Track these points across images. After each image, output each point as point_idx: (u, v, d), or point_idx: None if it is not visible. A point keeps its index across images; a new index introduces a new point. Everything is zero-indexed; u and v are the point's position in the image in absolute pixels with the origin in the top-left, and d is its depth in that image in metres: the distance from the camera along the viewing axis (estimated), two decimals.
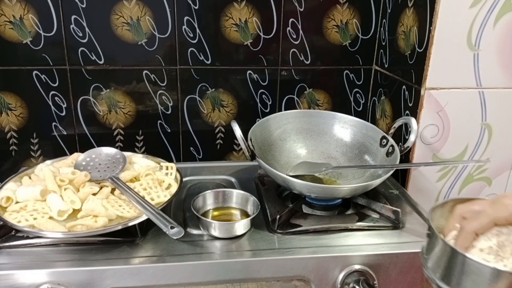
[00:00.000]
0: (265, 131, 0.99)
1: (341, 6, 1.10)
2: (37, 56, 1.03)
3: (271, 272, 0.71)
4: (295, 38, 1.11)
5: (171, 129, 1.14)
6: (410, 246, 0.77)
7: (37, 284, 0.66)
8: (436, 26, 0.88)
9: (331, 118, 1.03)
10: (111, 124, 1.11)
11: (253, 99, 1.15)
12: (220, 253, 0.73)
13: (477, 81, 0.93)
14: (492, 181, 1.03)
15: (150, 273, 0.69)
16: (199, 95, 1.12)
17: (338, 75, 1.17)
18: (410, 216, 0.87)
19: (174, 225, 0.71)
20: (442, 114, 0.95)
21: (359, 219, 0.83)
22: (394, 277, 0.74)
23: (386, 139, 0.94)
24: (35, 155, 1.11)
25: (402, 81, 1.02)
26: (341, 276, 0.72)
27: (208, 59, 1.09)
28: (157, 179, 0.84)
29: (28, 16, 0.99)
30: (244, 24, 1.08)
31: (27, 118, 1.08)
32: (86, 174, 0.81)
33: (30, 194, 0.77)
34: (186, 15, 1.05)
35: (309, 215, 0.84)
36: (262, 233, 0.79)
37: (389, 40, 1.09)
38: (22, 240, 0.73)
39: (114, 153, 0.90)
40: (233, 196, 0.85)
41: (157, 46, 1.06)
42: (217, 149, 1.18)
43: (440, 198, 1.03)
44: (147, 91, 1.10)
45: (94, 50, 1.04)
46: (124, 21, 1.03)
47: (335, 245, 0.76)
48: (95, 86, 1.07)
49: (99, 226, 0.72)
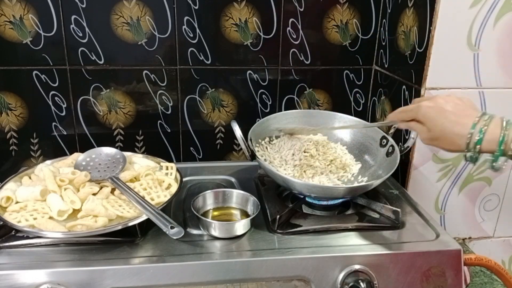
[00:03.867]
0: (265, 131, 0.99)
1: (341, 6, 1.10)
2: (37, 56, 1.03)
3: (271, 272, 0.71)
4: (295, 38, 1.11)
5: (171, 129, 1.14)
6: (410, 246, 0.77)
7: (37, 284, 0.66)
8: (436, 26, 0.88)
9: (331, 118, 1.03)
10: (111, 124, 1.11)
11: (253, 99, 1.15)
12: (220, 253, 0.73)
13: (477, 81, 0.93)
14: (492, 181, 1.03)
15: (150, 273, 0.69)
16: (199, 95, 1.12)
17: (338, 75, 1.17)
18: (410, 216, 0.87)
19: (174, 225, 0.72)
20: None
21: (359, 219, 0.83)
22: (394, 277, 0.74)
23: (386, 139, 0.94)
24: (35, 155, 1.11)
25: (402, 81, 1.02)
26: (341, 276, 0.72)
27: (208, 59, 1.09)
28: (157, 179, 0.84)
29: (28, 16, 0.99)
30: (244, 24, 1.08)
31: (27, 118, 1.08)
32: (86, 174, 0.81)
33: (30, 194, 0.77)
34: (186, 15, 1.05)
35: (309, 215, 0.84)
36: (262, 233, 0.79)
37: (389, 40, 1.09)
38: (22, 240, 0.73)
39: (114, 153, 0.90)
40: (233, 196, 0.85)
41: (157, 46, 1.06)
42: (217, 149, 1.18)
43: (440, 198, 1.03)
44: (147, 91, 1.10)
45: (94, 50, 1.04)
46: (124, 21, 1.03)
47: (335, 245, 0.76)
48: (95, 86, 1.07)
49: (99, 226, 0.72)
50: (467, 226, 1.07)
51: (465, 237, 1.08)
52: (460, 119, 0.68)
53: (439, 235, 0.80)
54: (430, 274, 0.74)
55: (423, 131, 0.72)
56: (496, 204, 1.06)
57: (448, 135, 0.69)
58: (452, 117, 0.68)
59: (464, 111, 0.69)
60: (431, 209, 1.03)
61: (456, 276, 0.75)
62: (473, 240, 1.09)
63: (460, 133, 0.67)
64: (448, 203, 1.04)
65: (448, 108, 0.69)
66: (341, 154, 0.98)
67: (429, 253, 0.75)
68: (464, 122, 0.67)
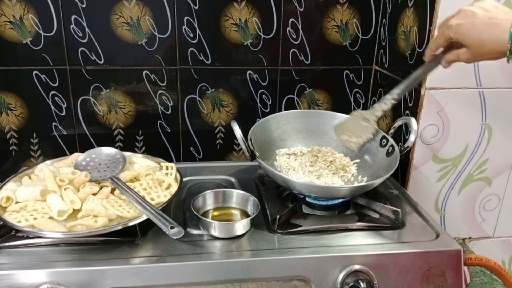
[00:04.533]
0: (265, 131, 0.99)
1: (341, 6, 1.10)
2: (37, 56, 1.03)
3: (271, 272, 0.71)
4: (295, 38, 1.11)
5: (171, 129, 1.14)
6: (410, 246, 0.77)
7: (37, 284, 0.66)
8: (436, 26, 0.88)
9: (331, 118, 1.02)
10: (111, 124, 1.11)
11: (253, 99, 1.15)
12: (220, 253, 0.73)
13: (477, 81, 0.93)
14: (492, 181, 1.03)
15: (150, 273, 0.69)
16: (199, 95, 1.12)
17: (338, 75, 1.17)
18: (410, 216, 0.87)
19: (174, 225, 0.72)
20: (442, 114, 0.95)
21: (359, 219, 0.83)
22: (394, 277, 0.74)
23: (386, 139, 0.94)
24: (35, 155, 1.11)
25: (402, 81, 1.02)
26: (341, 276, 0.72)
27: (208, 59, 1.09)
28: (157, 179, 0.84)
29: (28, 16, 0.99)
30: (244, 24, 1.08)
31: (27, 118, 1.08)
32: (86, 174, 0.81)
33: (30, 194, 0.77)
34: (186, 15, 1.05)
35: (309, 215, 0.84)
36: (262, 233, 0.79)
37: (389, 40, 1.09)
38: (22, 240, 0.73)
39: (114, 153, 0.90)
40: (233, 196, 0.85)
41: (157, 46, 1.06)
42: (217, 149, 1.18)
43: (440, 198, 1.03)
44: (147, 91, 1.10)
45: (94, 50, 1.04)
46: (124, 21, 1.03)
47: (335, 245, 0.76)
48: (95, 86, 1.07)
49: (99, 226, 0.72)
50: (467, 226, 1.07)
51: (465, 237, 1.08)
52: (493, 26, 0.65)
53: (439, 235, 0.80)
54: (430, 274, 0.74)
55: (462, 52, 0.70)
56: (496, 204, 1.06)
57: (487, 44, 0.66)
58: (484, 27, 0.66)
59: (496, 15, 0.66)
60: (431, 209, 1.03)
61: (456, 276, 0.75)
62: (473, 240, 1.09)
63: (500, 39, 0.65)
64: (448, 203, 1.04)
65: (477, 19, 0.67)
66: (337, 156, 0.98)
67: (429, 253, 0.75)
68: (499, 28, 0.65)
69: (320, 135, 1.03)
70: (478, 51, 0.68)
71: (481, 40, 0.67)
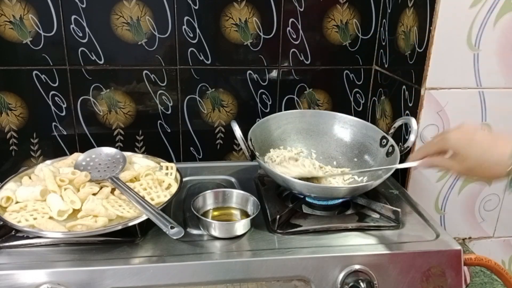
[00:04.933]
0: (265, 131, 0.99)
1: (341, 6, 1.10)
2: (37, 56, 1.03)
3: (271, 272, 0.71)
4: (295, 38, 1.11)
5: (171, 129, 1.14)
6: (410, 246, 0.77)
7: (37, 284, 0.66)
8: (436, 26, 0.88)
9: (331, 118, 1.03)
10: (111, 124, 1.11)
11: (253, 99, 1.15)
12: (220, 253, 0.73)
13: (477, 81, 0.93)
14: (492, 181, 1.03)
15: (150, 273, 0.69)
16: (199, 95, 1.12)
17: (338, 75, 1.17)
18: (410, 216, 0.87)
19: (174, 225, 0.71)
20: (442, 114, 0.95)
21: (359, 219, 0.83)
22: (394, 277, 0.74)
23: (386, 139, 0.94)
24: (35, 155, 1.11)
25: (402, 81, 1.02)
26: (341, 276, 0.72)
27: (208, 59, 1.09)
28: (157, 179, 0.84)
29: (28, 16, 0.99)
30: (244, 24, 1.08)
31: (27, 118, 1.08)
32: (86, 174, 0.81)
33: (30, 194, 0.77)
34: (186, 15, 1.05)
35: (309, 215, 0.84)
36: (262, 233, 0.79)
37: (389, 40, 1.09)
38: (22, 240, 0.73)
39: (114, 153, 0.90)
40: (233, 196, 0.85)
41: (157, 46, 1.06)
42: (217, 149, 1.18)
43: (440, 198, 1.03)
44: (147, 91, 1.10)
45: (94, 50, 1.04)
46: (124, 21, 1.03)
47: (335, 245, 0.76)
48: (95, 86, 1.07)
49: (99, 226, 0.72)
50: (467, 226, 1.07)
51: (465, 237, 1.08)
52: (494, 147, 0.66)
53: (439, 235, 0.80)
54: (430, 274, 0.74)
55: (454, 164, 0.69)
56: (496, 204, 1.06)
57: (485, 164, 0.66)
58: (485, 145, 0.66)
59: (495, 140, 0.67)
60: (431, 209, 1.03)
61: (456, 276, 0.75)
62: (473, 240, 1.09)
63: (499, 161, 0.65)
64: (448, 203, 1.04)
65: (478, 136, 0.68)
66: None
67: (429, 253, 0.75)
68: (500, 149, 0.65)
69: (320, 135, 1.03)
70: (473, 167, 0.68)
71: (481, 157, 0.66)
